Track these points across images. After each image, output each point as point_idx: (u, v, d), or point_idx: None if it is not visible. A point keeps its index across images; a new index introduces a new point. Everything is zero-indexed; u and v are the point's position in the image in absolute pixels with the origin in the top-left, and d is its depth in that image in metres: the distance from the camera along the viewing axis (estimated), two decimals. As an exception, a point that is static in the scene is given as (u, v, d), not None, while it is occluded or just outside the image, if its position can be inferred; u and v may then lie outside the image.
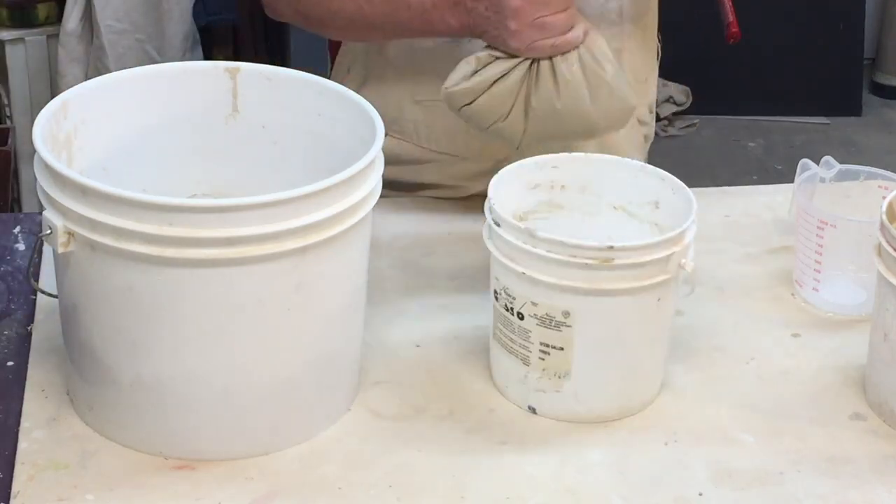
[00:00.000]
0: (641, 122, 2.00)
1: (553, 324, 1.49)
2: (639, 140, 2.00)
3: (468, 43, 1.80)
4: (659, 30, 2.00)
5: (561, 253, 1.46)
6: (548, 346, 1.50)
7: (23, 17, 3.53)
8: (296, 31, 3.59)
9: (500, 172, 1.59)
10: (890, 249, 1.49)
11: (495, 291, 1.53)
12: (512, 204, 1.58)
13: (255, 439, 1.46)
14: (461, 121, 1.77)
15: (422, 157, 1.92)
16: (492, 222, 1.51)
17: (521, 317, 1.50)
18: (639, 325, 1.51)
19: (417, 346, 1.64)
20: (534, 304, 1.49)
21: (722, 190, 2.04)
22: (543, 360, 1.51)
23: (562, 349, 1.50)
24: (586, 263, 1.45)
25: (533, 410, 1.54)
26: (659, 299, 1.50)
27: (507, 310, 1.52)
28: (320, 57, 2.88)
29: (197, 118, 1.62)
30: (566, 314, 1.48)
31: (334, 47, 1.91)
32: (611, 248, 1.45)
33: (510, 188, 1.59)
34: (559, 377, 1.51)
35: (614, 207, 1.63)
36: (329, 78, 1.68)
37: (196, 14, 3.58)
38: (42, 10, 3.54)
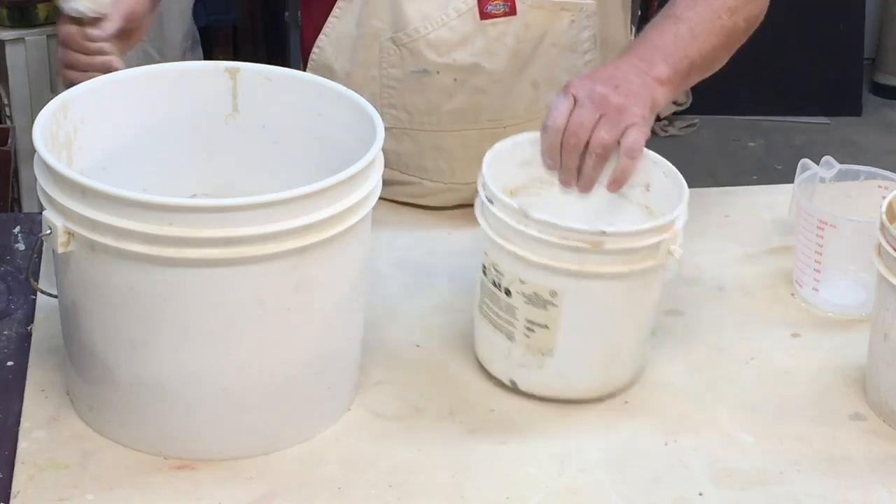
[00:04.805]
0: None
1: (540, 302, 1.49)
2: None
3: (436, 74, 1.81)
4: None
5: (552, 235, 1.47)
6: (533, 323, 1.51)
7: (23, 17, 3.53)
8: (295, 31, 3.58)
9: (493, 147, 1.60)
10: (890, 249, 1.49)
11: (484, 266, 1.54)
12: (504, 179, 1.58)
13: (255, 439, 1.46)
14: (428, 151, 1.83)
15: (403, 180, 1.91)
16: (484, 199, 1.52)
17: (508, 293, 1.51)
18: (624, 308, 1.52)
19: (417, 346, 1.64)
20: (522, 282, 1.50)
21: (722, 190, 2.04)
22: (528, 336, 1.52)
23: (547, 327, 1.51)
24: (577, 246, 1.46)
25: (514, 384, 1.55)
26: (645, 284, 1.51)
27: (495, 285, 1.52)
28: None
29: (197, 118, 1.62)
30: (553, 294, 1.49)
31: (306, 51, 1.92)
32: (603, 233, 1.46)
33: (503, 164, 1.59)
34: (543, 354, 1.52)
35: (606, 187, 1.63)
36: None
37: (196, 14, 3.58)
38: (42, 10, 3.54)
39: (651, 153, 1.61)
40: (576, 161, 1.60)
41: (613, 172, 1.59)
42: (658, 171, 1.59)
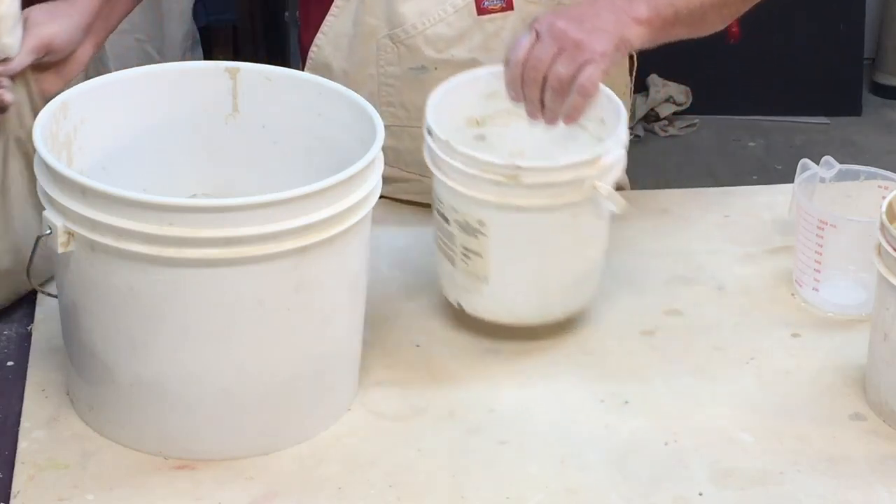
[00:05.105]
0: None
1: (471, 231, 1.55)
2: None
3: (434, 70, 1.81)
4: None
5: (473, 167, 1.53)
6: (468, 250, 1.57)
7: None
8: (295, 31, 3.58)
9: (449, 80, 1.65)
10: (890, 249, 1.49)
11: (433, 195, 1.60)
12: (467, 110, 1.65)
13: (255, 439, 1.46)
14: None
15: (402, 177, 1.92)
16: (426, 130, 1.57)
17: (447, 221, 1.57)
18: (553, 239, 1.56)
19: (417, 346, 1.64)
20: (455, 210, 1.56)
21: (722, 190, 2.04)
22: (466, 263, 1.58)
23: (480, 255, 1.56)
24: (496, 179, 1.51)
25: (461, 307, 1.62)
26: (574, 217, 1.55)
27: (439, 213, 1.59)
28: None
29: (197, 118, 1.62)
30: (481, 223, 1.54)
31: (304, 50, 1.93)
32: (518, 167, 1.51)
33: (463, 95, 1.65)
34: (479, 280, 1.58)
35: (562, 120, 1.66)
36: None
37: (196, 14, 3.57)
38: (42, 11, 3.53)
39: (607, 90, 1.63)
40: (537, 94, 1.62)
41: (567, 107, 1.61)
42: (611, 109, 1.62)
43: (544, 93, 1.61)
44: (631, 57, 1.96)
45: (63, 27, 1.66)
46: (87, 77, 1.69)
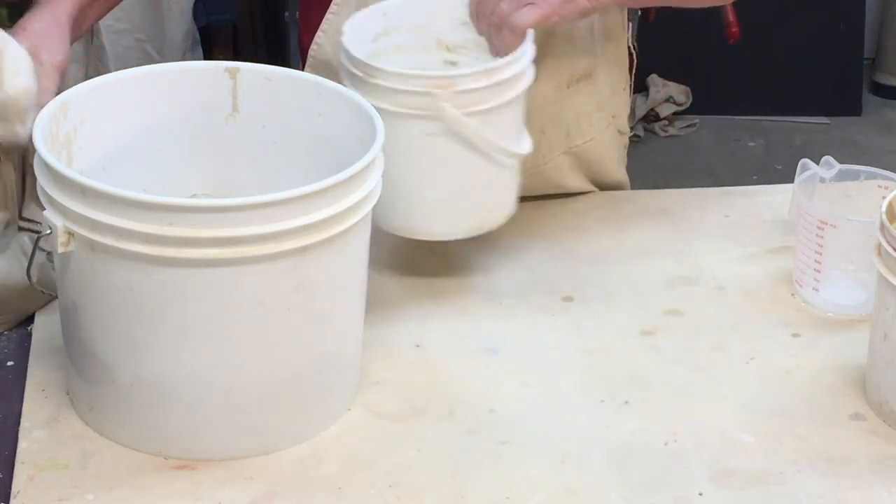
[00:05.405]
0: (621, 132, 2.00)
1: None
2: (620, 150, 2.00)
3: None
4: (635, 40, 1.99)
5: (347, 61, 1.60)
6: None
7: (23, 17, 3.52)
8: (295, 31, 3.59)
9: None
10: (890, 249, 1.49)
11: None
12: (438, 32, 1.70)
13: (255, 439, 1.46)
14: None
15: None
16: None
17: None
18: (410, 155, 1.59)
19: (417, 346, 1.64)
20: None
21: (722, 190, 2.04)
22: None
23: None
24: (358, 75, 1.58)
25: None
26: (429, 135, 1.58)
27: None
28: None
29: (197, 118, 1.62)
30: None
31: (304, 50, 1.93)
32: (368, 65, 1.57)
33: (437, 16, 1.70)
34: None
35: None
36: None
37: (196, 14, 3.57)
38: (42, 10, 3.53)
39: (531, 36, 1.63)
40: (485, 28, 1.65)
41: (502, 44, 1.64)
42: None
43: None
44: (630, 55, 1.96)
45: (65, 52, 1.66)
46: (87, 77, 1.69)
